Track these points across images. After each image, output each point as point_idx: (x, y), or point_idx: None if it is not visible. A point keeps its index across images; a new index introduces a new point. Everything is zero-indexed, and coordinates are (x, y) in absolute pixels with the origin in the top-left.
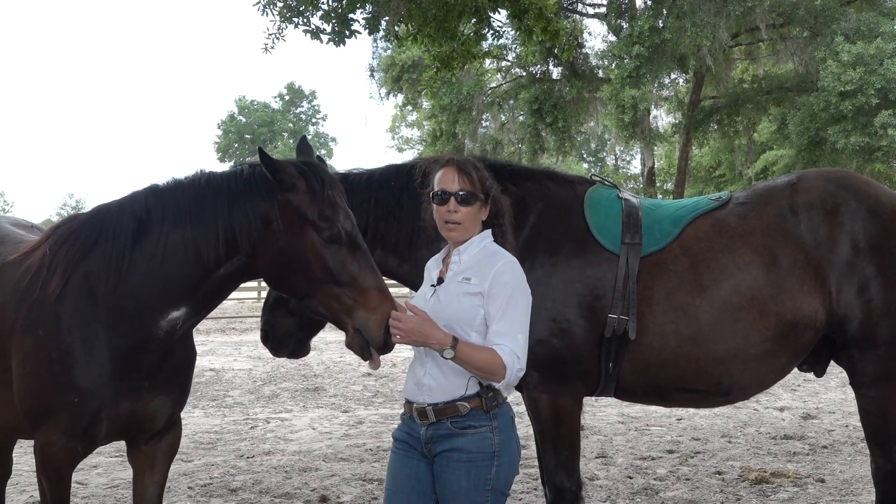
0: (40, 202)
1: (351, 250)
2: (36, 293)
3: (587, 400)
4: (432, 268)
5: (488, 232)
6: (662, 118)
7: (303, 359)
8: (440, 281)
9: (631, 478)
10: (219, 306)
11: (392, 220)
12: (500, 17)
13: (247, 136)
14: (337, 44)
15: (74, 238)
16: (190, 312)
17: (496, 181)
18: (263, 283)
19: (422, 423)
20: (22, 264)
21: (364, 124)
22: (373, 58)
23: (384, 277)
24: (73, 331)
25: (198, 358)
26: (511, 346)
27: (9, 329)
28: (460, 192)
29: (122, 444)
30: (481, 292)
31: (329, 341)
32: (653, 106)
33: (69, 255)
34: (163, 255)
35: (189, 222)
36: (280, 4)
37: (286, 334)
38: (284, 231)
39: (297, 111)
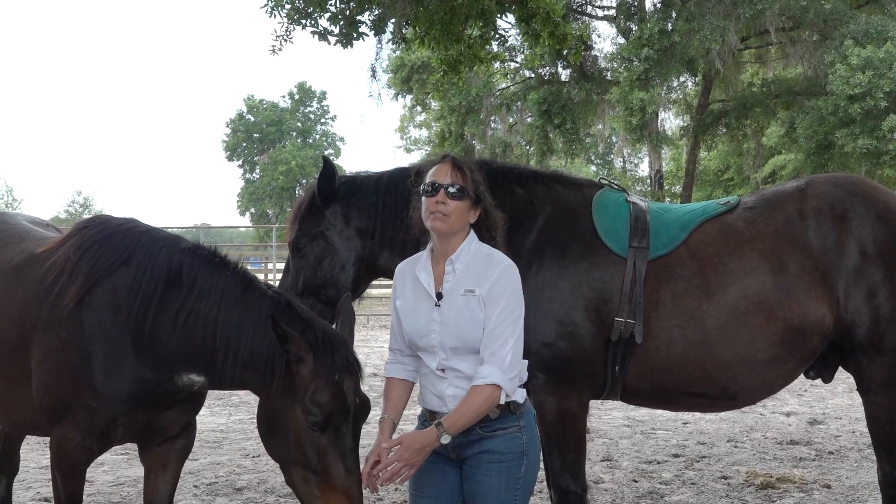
0: (48, 199)
1: (335, 444)
2: (56, 295)
3: (593, 403)
4: (421, 275)
5: (473, 234)
6: (671, 121)
7: None
8: (439, 296)
9: (636, 481)
10: None
11: (399, 223)
12: (508, 20)
13: (255, 135)
14: (345, 45)
15: (101, 249)
16: (209, 383)
17: (504, 183)
18: (270, 282)
19: None
20: (46, 261)
21: (360, 122)
22: (376, 58)
23: (388, 279)
24: (96, 341)
25: None
26: (495, 364)
27: (30, 327)
28: (451, 186)
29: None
30: (480, 296)
31: None
32: (661, 109)
33: (92, 266)
34: (185, 320)
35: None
36: (288, 6)
37: None
38: (278, 394)
39: (306, 111)
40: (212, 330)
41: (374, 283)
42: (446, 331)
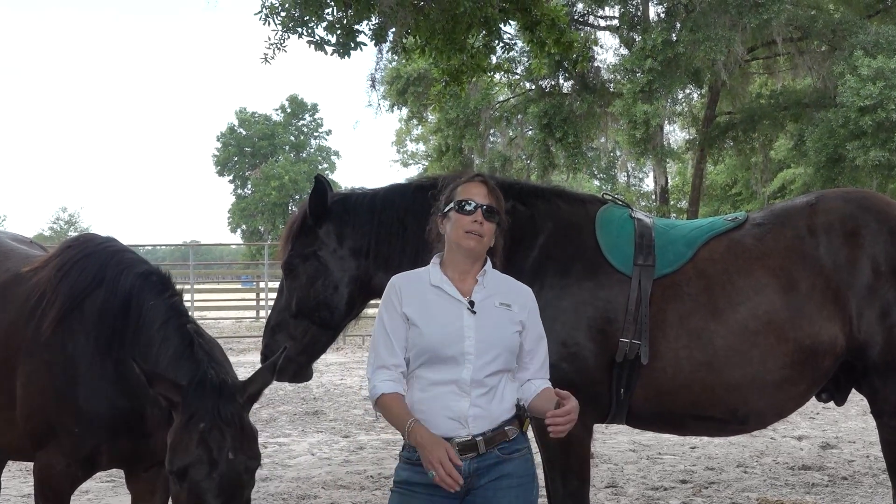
0: (32, 216)
1: (193, 499)
2: (38, 318)
3: (597, 427)
4: (443, 284)
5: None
6: (676, 134)
7: None
8: (472, 303)
9: None
10: (216, 326)
11: (395, 240)
12: (511, 29)
13: (247, 148)
14: (342, 56)
15: (79, 271)
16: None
17: (504, 199)
18: (262, 303)
19: (464, 457)
20: (31, 280)
21: (353, 129)
22: (376, 68)
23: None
24: (78, 365)
25: None
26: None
27: (15, 348)
28: (488, 207)
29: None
30: (522, 321)
31: (329, 363)
32: (666, 121)
33: (70, 288)
34: (136, 348)
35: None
36: (283, 14)
37: (287, 359)
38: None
39: (299, 124)
40: (145, 360)
41: (373, 302)
42: (484, 337)
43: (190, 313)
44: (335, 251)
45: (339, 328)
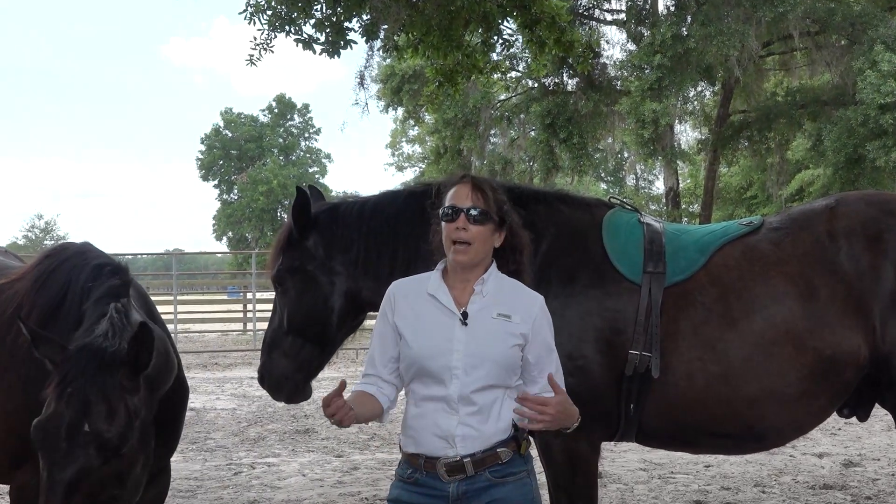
0: (6, 223)
1: (45, 468)
2: (15, 332)
3: (606, 445)
4: (438, 293)
5: (493, 261)
6: (687, 134)
7: None
8: (465, 315)
9: None
10: (200, 339)
11: (385, 249)
12: (510, 26)
13: (233, 151)
14: (331, 55)
15: (53, 282)
16: None
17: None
18: (249, 315)
19: (452, 478)
20: (7, 292)
21: (340, 131)
22: (366, 66)
23: (376, 313)
24: None
25: None
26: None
27: None
28: (472, 209)
29: None
30: (524, 333)
31: (321, 378)
32: (676, 121)
33: (45, 299)
34: None
35: None
36: (269, 13)
37: (282, 377)
38: None
39: (288, 125)
40: None
41: (372, 314)
42: (473, 351)
43: (172, 325)
44: (323, 263)
45: (335, 343)
